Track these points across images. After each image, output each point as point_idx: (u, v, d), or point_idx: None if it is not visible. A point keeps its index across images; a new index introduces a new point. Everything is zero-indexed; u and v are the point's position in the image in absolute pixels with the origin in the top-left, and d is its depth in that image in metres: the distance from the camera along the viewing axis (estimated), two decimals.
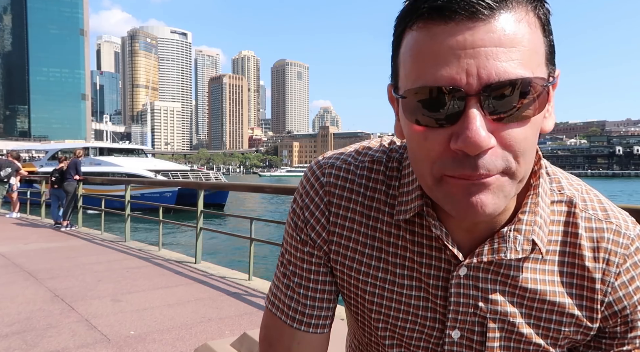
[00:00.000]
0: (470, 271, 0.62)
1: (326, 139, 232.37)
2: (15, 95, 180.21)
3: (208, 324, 3.52)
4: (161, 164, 29.05)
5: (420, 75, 0.50)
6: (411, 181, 0.64)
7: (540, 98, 0.50)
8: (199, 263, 5.70)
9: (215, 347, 1.91)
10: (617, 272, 0.61)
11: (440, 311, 0.65)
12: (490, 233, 0.61)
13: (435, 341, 0.66)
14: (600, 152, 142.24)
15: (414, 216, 0.64)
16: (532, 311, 0.62)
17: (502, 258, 0.59)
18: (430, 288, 0.65)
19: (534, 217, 0.59)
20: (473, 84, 0.47)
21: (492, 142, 0.49)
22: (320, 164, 0.71)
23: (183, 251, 6.86)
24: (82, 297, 4.16)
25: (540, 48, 0.51)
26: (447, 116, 0.49)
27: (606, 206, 0.64)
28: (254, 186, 5.68)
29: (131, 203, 7.67)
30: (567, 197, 0.63)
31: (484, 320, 0.63)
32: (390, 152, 0.70)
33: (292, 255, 0.72)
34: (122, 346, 3.07)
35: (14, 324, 3.41)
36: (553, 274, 0.61)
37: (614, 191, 45.38)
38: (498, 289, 0.62)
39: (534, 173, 0.62)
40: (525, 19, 0.49)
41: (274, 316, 0.73)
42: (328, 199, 0.69)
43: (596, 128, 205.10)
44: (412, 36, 0.51)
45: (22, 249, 6.64)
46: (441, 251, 0.63)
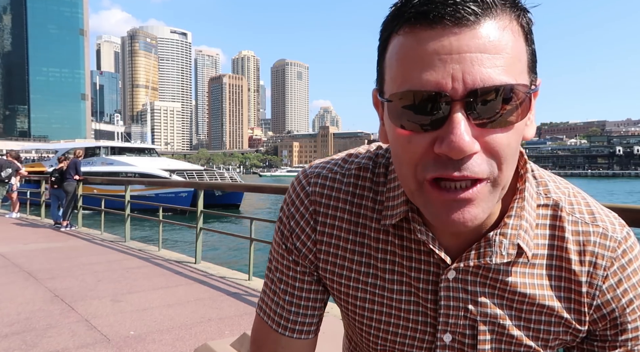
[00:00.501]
0: (459, 274, 0.62)
1: (326, 139, 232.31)
2: (15, 95, 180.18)
3: (208, 324, 3.52)
4: (175, 163, 28.65)
5: (406, 79, 0.50)
6: (397, 185, 0.65)
7: (523, 105, 0.50)
8: (198, 263, 5.69)
9: (215, 347, 1.90)
10: (605, 275, 0.61)
11: (431, 315, 0.65)
12: (477, 237, 0.61)
13: (428, 345, 0.66)
14: (601, 152, 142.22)
15: (402, 221, 0.64)
16: (522, 313, 0.62)
17: (488, 263, 0.59)
18: (420, 292, 0.65)
19: (519, 222, 0.60)
20: (458, 89, 0.48)
21: (475, 148, 0.49)
22: (306, 174, 0.71)
23: (183, 252, 6.86)
24: (82, 297, 4.16)
25: (522, 56, 0.51)
26: (432, 120, 0.49)
27: (593, 209, 0.64)
28: (252, 186, 5.68)
29: (136, 204, 7.62)
30: (553, 200, 0.63)
31: (474, 323, 0.63)
32: (376, 157, 0.70)
33: (279, 262, 0.73)
34: (121, 346, 3.07)
35: (14, 324, 3.41)
36: (541, 278, 0.62)
37: (616, 191, 45.49)
38: (487, 292, 0.63)
39: (520, 177, 0.62)
40: (509, 26, 0.50)
41: (262, 320, 0.74)
42: (314, 208, 0.69)
43: (596, 128, 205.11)
44: (398, 41, 0.52)
45: (22, 249, 6.64)
46: (429, 255, 0.63)
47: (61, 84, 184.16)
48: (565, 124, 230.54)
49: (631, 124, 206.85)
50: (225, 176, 27.61)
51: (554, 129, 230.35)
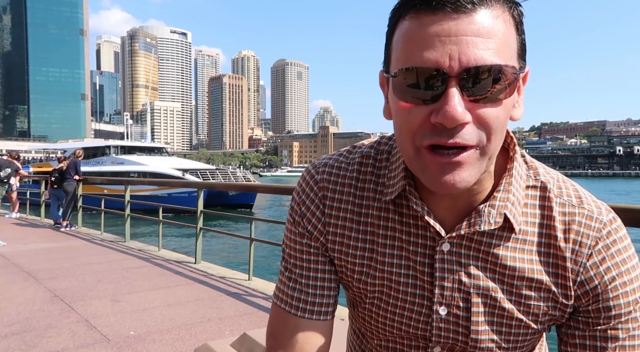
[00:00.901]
0: (453, 247, 0.67)
1: (326, 139, 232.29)
2: (15, 95, 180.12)
3: (208, 324, 3.52)
4: (187, 163, 28.13)
5: (409, 57, 0.57)
6: (398, 165, 0.71)
7: (511, 85, 0.57)
8: (198, 263, 5.69)
9: (215, 347, 1.90)
10: (589, 253, 0.65)
11: (427, 288, 0.69)
12: (469, 211, 0.67)
13: (425, 318, 0.70)
14: (601, 152, 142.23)
15: (401, 197, 0.70)
16: (513, 288, 0.66)
17: (477, 230, 0.65)
18: (417, 265, 0.70)
19: (506, 195, 0.66)
20: (454, 67, 0.54)
21: (467, 118, 0.55)
22: (315, 165, 0.79)
23: (184, 252, 6.85)
24: (82, 297, 4.15)
25: (512, 43, 0.58)
26: (430, 94, 0.56)
27: (581, 194, 0.69)
28: (252, 186, 5.68)
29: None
30: (541, 183, 0.69)
31: (468, 296, 0.67)
32: (378, 146, 0.77)
33: (292, 248, 0.77)
34: (121, 346, 3.06)
35: (14, 325, 3.41)
36: (531, 254, 0.66)
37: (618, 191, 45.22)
38: (480, 266, 0.67)
39: (510, 158, 0.68)
40: (501, 16, 0.57)
41: (279, 308, 0.77)
42: (323, 194, 0.75)
43: (597, 128, 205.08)
44: (404, 25, 0.59)
45: (22, 249, 6.63)
46: (426, 229, 0.69)
47: (61, 84, 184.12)
48: (566, 124, 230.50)
49: (631, 124, 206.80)
50: (238, 175, 27.17)
51: (554, 129, 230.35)
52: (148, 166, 24.95)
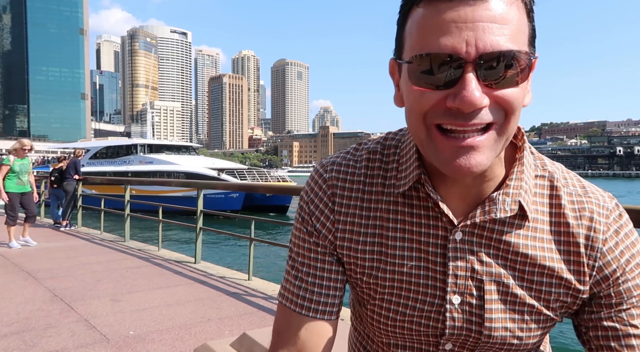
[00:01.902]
0: (465, 235, 0.68)
1: (326, 139, 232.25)
2: (15, 94, 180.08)
3: (207, 324, 3.51)
4: (220, 162, 26.85)
5: (426, 43, 0.57)
6: (409, 156, 0.71)
7: (525, 70, 0.58)
8: (198, 263, 5.69)
9: (214, 347, 1.90)
10: (604, 239, 0.66)
11: (440, 278, 0.69)
12: (482, 199, 0.68)
13: (437, 308, 0.70)
14: (601, 153, 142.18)
15: (411, 189, 0.71)
16: (525, 274, 0.67)
17: (493, 218, 0.65)
18: (429, 256, 0.69)
19: (520, 183, 0.66)
20: (471, 53, 0.55)
21: (485, 102, 0.56)
22: (323, 164, 0.79)
23: (183, 252, 6.85)
24: (82, 297, 4.15)
25: (525, 29, 0.59)
26: (447, 79, 0.56)
27: (585, 184, 0.71)
28: (253, 186, 5.68)
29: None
30: (549, 172, 0.71)
31: (481, 284, 0.68)
32: (385, 141, 0.78)
33: (300, 247, 0.77)
34: (121, 346, 3.06)
35: (13, 324, 3.41)
36: (542, 241, 0.67)
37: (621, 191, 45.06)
38: (492, 253, 0.68)
39: (519, 148, 0.70)
40: (515, 3, 0.57)
41: (284, 307, 0.77)
42: (332, 192, 0.75)
43: (597, 128, 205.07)
44: (419, 12, 0.59)
45: (22, 248, 6.63)
46: (438, 219, 0.69)
47: (61, 84, 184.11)
48: (566, 124, 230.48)
49: (632, 124, 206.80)
50: (272, 175, 25.67)
51: (554, 129, 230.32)
52: (180, 166, 23.43)
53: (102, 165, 26.63)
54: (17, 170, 6.77)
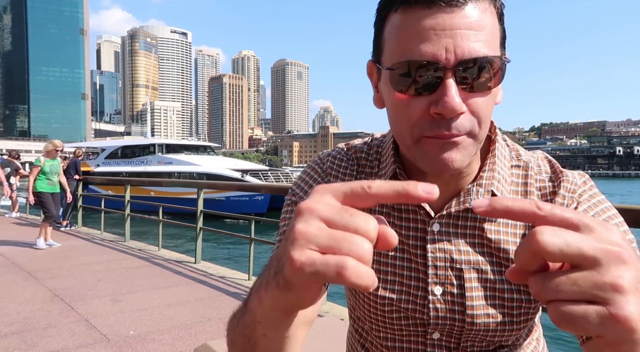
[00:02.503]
0: (442, 227, 0.71)
1: (326, 139, 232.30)
2: (15, 94, 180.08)
3: (208, 324, 3.52)
4: (242, 163, 25.56)
5: (406, 51, 0.59)
6: (388, 155, 0.76)
7: (498, 73, 0.61)
8: (198, 263, 5.69)
9: (214, 347, 1.90)
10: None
11: (421, 270, 0.72)
12: (459, 192, 0.71)
13: (421, 301, 0.72)
14: (601, 153, 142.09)
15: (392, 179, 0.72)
16: (501, 259, 0.70)
17: (467, 207, 0.69)
18: (410, 248, 0.73)
19: (492, 173, 0.70)
20: (451, 60, 0.57)
21: (463, 108, 0.59)
22: (321, 157, 0.84)
23: (184, 252, 6.85)
24: (82, 297, 4.15)
25: (497, 33, 0.62)
26: (428, 86, 0.59)
27: (556, 167, 0.74)
28: (254, 186, 5.68)
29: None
30: (524, 162, 0.74)
31: (460, 273, 0.70)
32: (370, 141, 0.84)
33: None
34: (121, 345, 3.07)
35: (14, 324, 3.41)
36: (515, 227, 0.70)
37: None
38: (469, 241, 0.71)
39: (492, 141, 0.73)
40: (489, 9, 0.60)
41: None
42: (328, 179, 0.81)
43: (596, 128, 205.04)
44: (397, 18, 0.61)
45: (22, 248, 6.63)
46: (416, 213, 0.73)
47: (61, 84, 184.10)
48: (566, 124, 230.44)
49: (631, 124, 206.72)
50: (292, 174, 24.87)
51: (554, 129, 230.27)
52: (201, 167, 22.35)
53: (119, 165, 25.78)
54: (47, 171, 6.79)
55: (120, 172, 24.74)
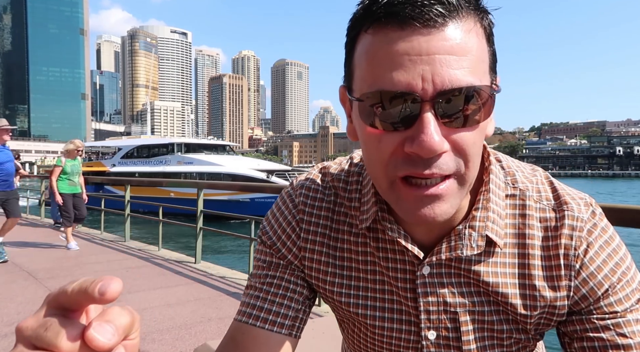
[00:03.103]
0: (433, 269, 0.64)
1: (326, 139, 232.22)
2: (15, 94, 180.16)
3: (208, 324, 3.52)
4: (265, 163, 25.02)
5: (376, 79, 0.51)
6: (368, 190, 0.68)
7: (487, 105, 0.52)
8: (198, 263, 5.69)
9: (215, 347, 1.89)
10: (576, 255, 0.62)
11: (413, 313, 0.66)
12: (448, 231, 0.63)
13: (414, 345, 0.68)
14: (601, 153, 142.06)
15: (375, 222, 0.67)
16: (498, 301, 0.64)
17: (459, 255, 0.61)
18: (400, 291, 0.66)
19: (486, 213, 0.62)
20: (428, 90, 0.49)
21: (445, 147, 0.51)
22: (294, 187, 0.75)
23: (184, 252, 6.85)
24: None
25: (485, 57, 0.54)
26: (402, 120, 0.51)
27: (560, 193, 0.65)
28: (254, 186, 5.68)
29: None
30: (520, 190, 0.65)
31: (455, 315, 0.65)
32: (349, 167, 0.74)
33: (262, 263, 0.73)
34: None
35: (14, 324, 3.41)
36: (512, 267, 0.63)
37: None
38: (462, 282, 0.64)
39: (485, 169, 0.64)
40: (473, 29, 0.52)
41: (235, 325, 0.70)
42: (300, 217, 0.72)
43: (596, 128, 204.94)
44: (368, 39, 0.53)
45: (22, 248, 6.64)
46: (404, 254, 0.66)
47: (61, 84, 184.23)
48: (566, 124, 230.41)
49: (631, 124, 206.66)
50: None
51: (554, 129, 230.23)
52: (224, 167, 21.53)
53: (136, 165, 25.07)
54: (68, 171, 6.73)
55: (138, 172, 24.07)
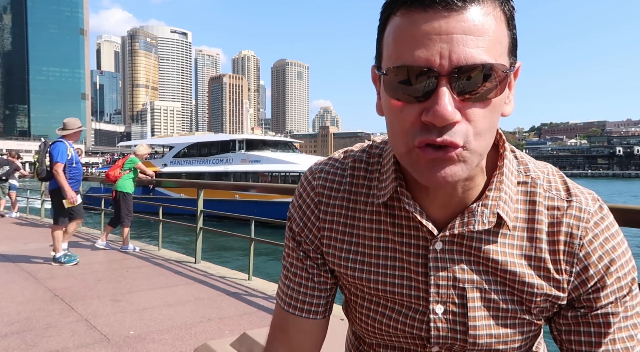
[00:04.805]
0: (445, 245, 0.68)
1: (326, 139, 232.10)
2: (15, 94, 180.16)
3: (208, 324, 3.52)
4: None
5: (400, 55, 0.57)
6: (388, 168, 0.72)
7: (501, 83, 0.57)
8: (198, 263, 5.69)
9: (215, 347, 1.90)
10: (581, 244, 0.66)
11: (422, 288, 0.70)
12: (462, 209, 0.67)
13: (420, 317, 0.71)
14: (601, 153, 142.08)
15: (392, 199, 0.71)
16: (506, 281, 0.67)
17: (471, 230, 0.65)
18: (411, 266, 0.70)
19: (498, 194, 0.66)
20: (445, 66, 0.54)
21: (457, 117, 0.55)
22: (312, 170, 0.81)
23: (185, 252, 6.85)
24: (82, 297, 4.15)
25: (503, 39, 0.58)
26: (421, 92, 0.56)
27: (570, 186, 0.70)
28: (253, 186, 5.68)
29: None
30: (531, 178, 0.70)
31: (463, 291, 0.68)
32: (370, 149, 0.79)
33: (289, 248, 0.81)
34: (121, 345, 3.07)
35: (14, 324, 3.41)
36: (521, 249, 0.67)
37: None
38: (472, 261, 0.68)
39: (500, 156, 0.69)
40: (492, 13, 0.56)
41: (277, 306, 0.82)
42: (318, 200, 0.77)
43: (596, 128, 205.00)
44: (395, 22, 0.59)
45: (22, 248, 6.64)
46: (418, 230, 0.69)
47: (61, 84, 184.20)
48: (566, 124, 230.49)
49: (631, 124, 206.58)
50: None
51: (554, 129, 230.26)
52: (298, 165, 20.25)
53: (191, 165, 23.64)
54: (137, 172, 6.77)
55: (195, 172, 22.57)
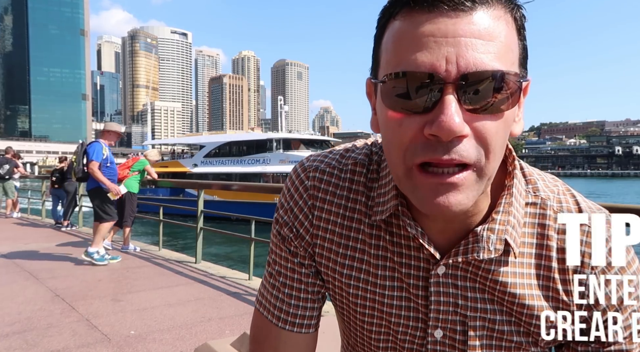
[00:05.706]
0: (448, 269, 0.63)
1: None
2: (16, 95, 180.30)
3: (208, 323, 3.53)
4: None
5: (401, 60, 0.50)
6: (388, 181, 0.65)
7: (514, 95, 0.51)
8: (199, 263, 5.70)
9: (215, 346, 1.91)
10: (593, 273, 0.61)
11: (422, 311, 0.65)
12: (465, 233, 0.61)
13: (419, 341, 0.67)
14: (600, 152, 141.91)
15: (391, 217, 0.65)
16: (512, 311, 0.62)
17: (476, 258, 0.59)
18: (411, 288, 0.65)
19: (507, 217, 0.60)
20: (452, 72, 0.48)
21: (465, 130, 0.49)
22: (304, 167, 0.71)
23: (185, 252, 6.86)
24: (83, 296, 4.16)
25: (515, 47, 0.52)
26: (424, 102, 0.50)
27: (582, 206, 0.64)
28: (253, 186, 5.69)
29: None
30: (541, 199, 0.64)
31: (464, 319, 0.64)
32: (371, 154, 0.71)
33: (277, 255, 0.73)
34: (122, 345, 3.07)
35: (15, 324, 3.42)
36: (530, 277, 0.62)
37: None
38: (477, 288, 0.63)
39: (509, 174, 0.62)
40: (503, 17, 0.51)
41: (262, 315, 0.74)
42: (312, 203, 0.69)
43: (596, 128, 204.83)
44: (396, 25, 0.52)
45: (23, 248, 6.64)
46: (419, 251, 0.64)
47: (62, 84, 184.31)
48: (565, 124, 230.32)
49: (630, 124, 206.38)
50: None
51: (553, 129, 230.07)
52: None
53: (225, 165, 22.62)
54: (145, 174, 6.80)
55: (230, 173, 21.70)
